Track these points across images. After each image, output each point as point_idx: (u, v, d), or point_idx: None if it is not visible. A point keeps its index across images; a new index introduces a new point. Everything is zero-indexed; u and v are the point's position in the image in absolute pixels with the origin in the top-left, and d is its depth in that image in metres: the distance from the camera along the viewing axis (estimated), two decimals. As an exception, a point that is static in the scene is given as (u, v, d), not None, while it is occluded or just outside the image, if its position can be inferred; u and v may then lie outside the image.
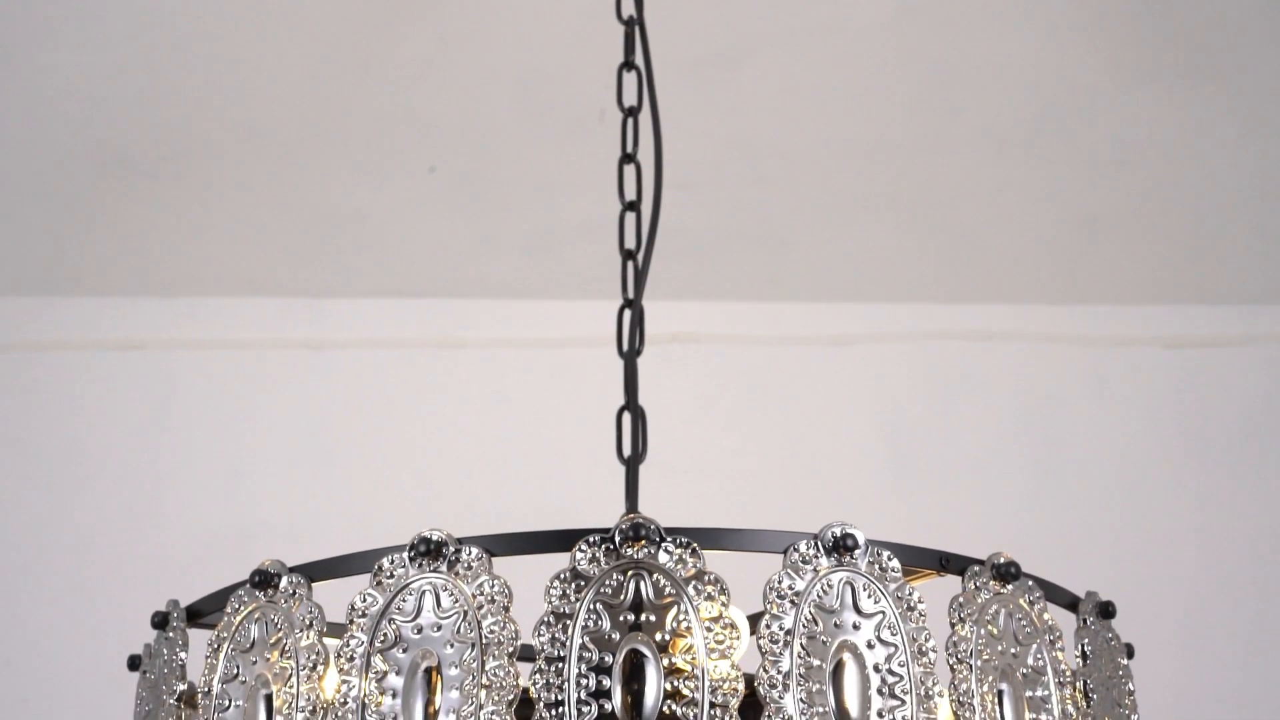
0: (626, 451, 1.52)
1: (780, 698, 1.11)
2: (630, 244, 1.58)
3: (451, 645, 1.13)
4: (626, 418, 1.52)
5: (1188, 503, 2.87)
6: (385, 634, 1.14)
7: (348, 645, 1.14)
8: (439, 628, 1.14)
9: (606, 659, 1.10)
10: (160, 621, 1.30)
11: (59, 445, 2.86)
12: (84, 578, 2.78)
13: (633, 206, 1.59)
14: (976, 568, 1.22)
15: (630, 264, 1.56)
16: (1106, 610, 1.31)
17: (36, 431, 2.86)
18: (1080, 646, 1.29)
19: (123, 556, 2.78)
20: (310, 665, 1.16)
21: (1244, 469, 2.88)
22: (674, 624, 1.11)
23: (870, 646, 1.14)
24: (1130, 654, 1.34)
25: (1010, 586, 1.23)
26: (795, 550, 1.16)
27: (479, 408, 2.94)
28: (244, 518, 2.82)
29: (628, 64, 1.64)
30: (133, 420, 2.88)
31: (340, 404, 2.92)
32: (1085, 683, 1.26)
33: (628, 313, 1.54)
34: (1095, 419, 2.93)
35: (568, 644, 1.11)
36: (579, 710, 1.09)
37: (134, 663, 1.37)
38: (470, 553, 1.15)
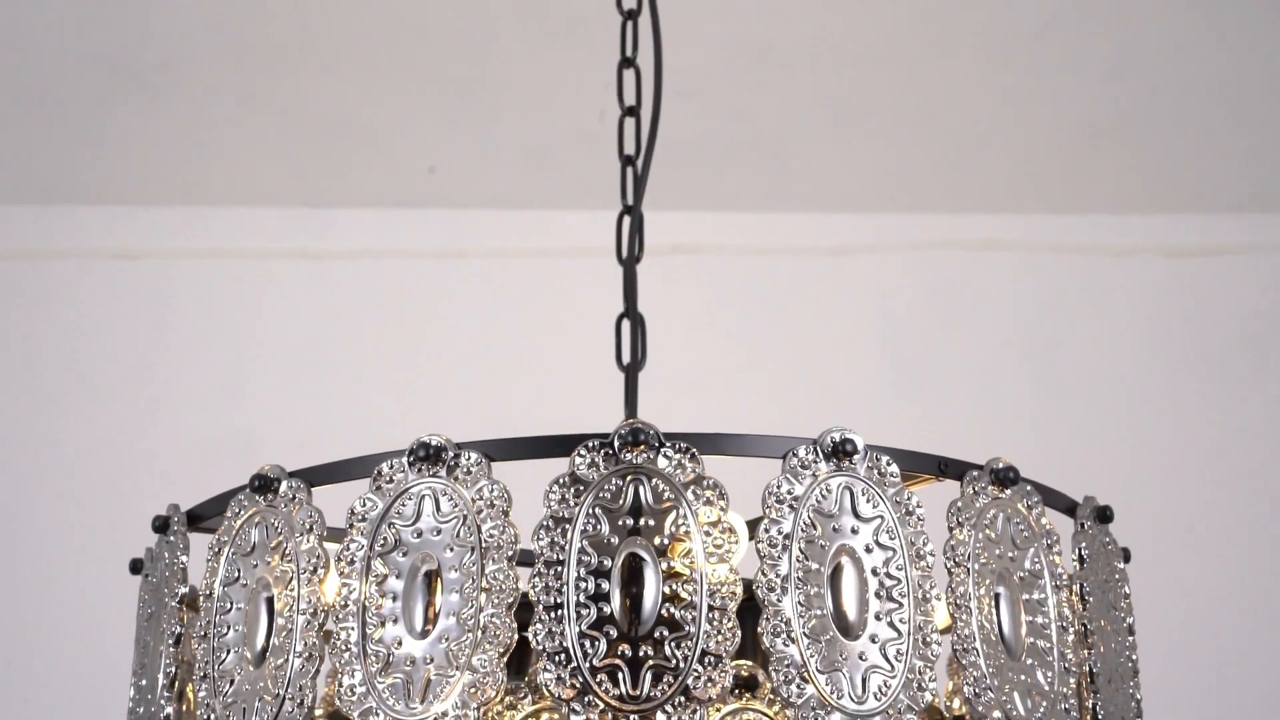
0: (626, 359, 1.52)
1: (778, 601, 1.11)
2: (630, 149, 1.57)
3: (451, 549, 1.13)
4: (626, 325, 1.52)
5: (1186, 410, 2.87)
6: (385, 538, 1.14)
7: (348, 549, 1.15)
8: (439, 532, 1.14)
9: (605, 563, 1.11)
10: (161, 525, 1.31)
11: (57, 354, 2.86)
12: (84, 487, 2.79)
13: (632, 111, 1.58)
14: (975, 472, 1.23)
15: (630, 170, 1.56)
16: (1104, 515, 1.31)
17: (35, 340, 2.86)
18: (1077, 550, 1.29)
19: (123, 465, 2.79)
20: (311, 569, 1.17)
21: (1242, 377, 2.89)
22: (673, 528, 1.11)
23: (868, 550, 1.15)
24: (1127, 558, 1.35)
25: (1009, 491, 1.23)
26: (794, 455, 1.16)
27: (478, 317, 2.93)
28: (243, 427, 2.82)
29: (627, -34, 1.62)
30: (131, 329, 2.87)
31: (339, 314, 2.92)
32: (1081, 586, 1.27)
33: (627, 219, 1.53)
34: (1095, 328, 2.93)
35: (567, 548, 1.11)
36: (578, 613, 1.09)
37: (135, 566, 1.37)
38: (469, 457, 1.15)
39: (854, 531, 1.15)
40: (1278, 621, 2.77)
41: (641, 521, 1.12)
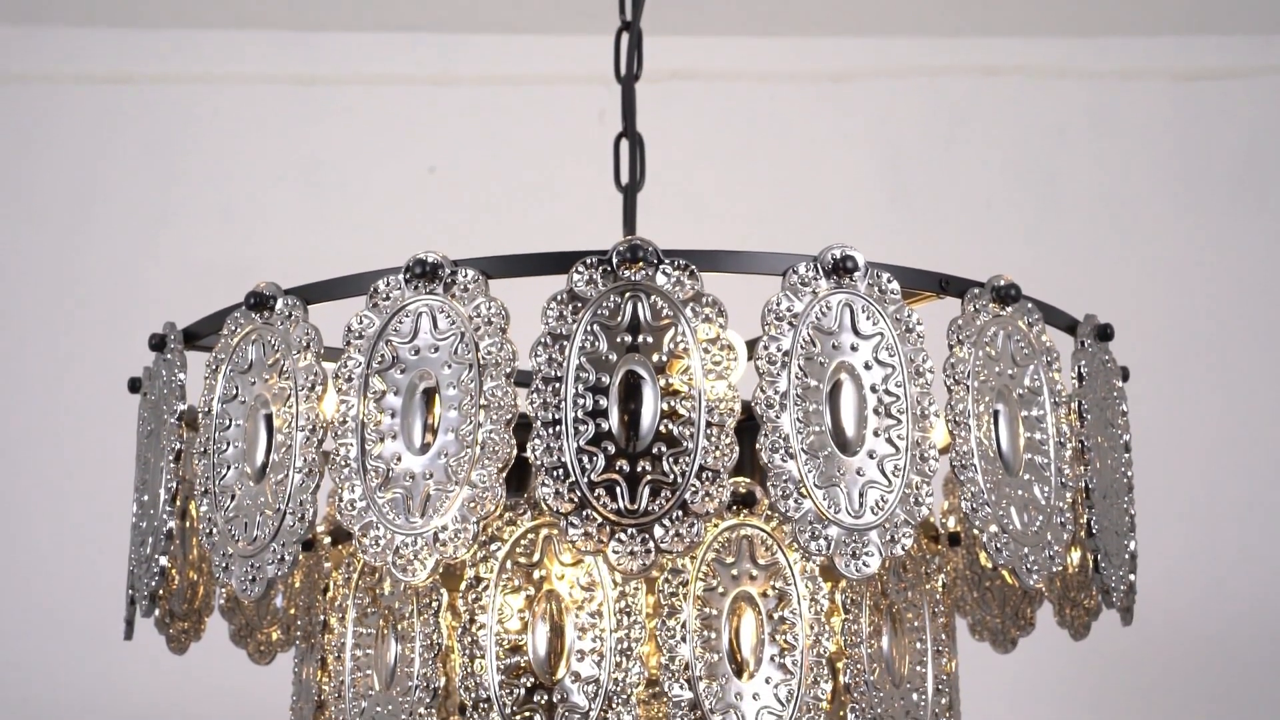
0: (624, 179, 1.51)
1: (777, 417, 1.11)
2: (628, -37, 1.54)
3: (449, 366, 1.13)
4: (624, 145, 1.50)
5: (1190, 233, 2.86)
6: (383, 355, 1.14)
7: (345, 366, 1.14)
8: (436, 349, 1.14)
9: (603, 379, 1.10)
10: (158, 343, 1.30)
11: (51, 178, 2.83)
12: (81, 311, 2.78)
13: (630, -76, 1.54)
14: (976, 290, 1.22)
15: (628, -17, 1.52)
16: (1104, 333, 1.31)
17: (28, 164, 2.83)
18: (1076, 368, 1.29)
19: (119, 290, 2.78)
20: (309, 386, 1.17)
21: (1247, 200, 2.87)
22: (671, 345, 1.11)
23: (868, 367, 1.14)
24: (1125, 377, 1.35)
25: (1009, 309, 1.22)
26: (794, 272, 1.15)
27: (475, 142, 2.90)
28: (240, 251, 2.81)
29: None
30: (125, 153, 2.84)
31: (334, 139, 2.89)
32: (1080, 403, 1.27)
33: (625, 36, 1.50)
34: (1100, 151, 2.90)
35: (565, 364, 1.11)
36: (576, 429, 1.09)
37: (134, 385, 1.37)
38: (466, 274, 1.15)
39: (853, 349, 1.14)
40: (1273, 440, 2.79)
41: (640, 338, 1.11)
